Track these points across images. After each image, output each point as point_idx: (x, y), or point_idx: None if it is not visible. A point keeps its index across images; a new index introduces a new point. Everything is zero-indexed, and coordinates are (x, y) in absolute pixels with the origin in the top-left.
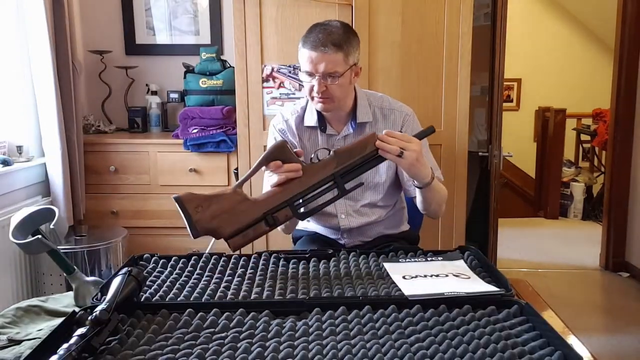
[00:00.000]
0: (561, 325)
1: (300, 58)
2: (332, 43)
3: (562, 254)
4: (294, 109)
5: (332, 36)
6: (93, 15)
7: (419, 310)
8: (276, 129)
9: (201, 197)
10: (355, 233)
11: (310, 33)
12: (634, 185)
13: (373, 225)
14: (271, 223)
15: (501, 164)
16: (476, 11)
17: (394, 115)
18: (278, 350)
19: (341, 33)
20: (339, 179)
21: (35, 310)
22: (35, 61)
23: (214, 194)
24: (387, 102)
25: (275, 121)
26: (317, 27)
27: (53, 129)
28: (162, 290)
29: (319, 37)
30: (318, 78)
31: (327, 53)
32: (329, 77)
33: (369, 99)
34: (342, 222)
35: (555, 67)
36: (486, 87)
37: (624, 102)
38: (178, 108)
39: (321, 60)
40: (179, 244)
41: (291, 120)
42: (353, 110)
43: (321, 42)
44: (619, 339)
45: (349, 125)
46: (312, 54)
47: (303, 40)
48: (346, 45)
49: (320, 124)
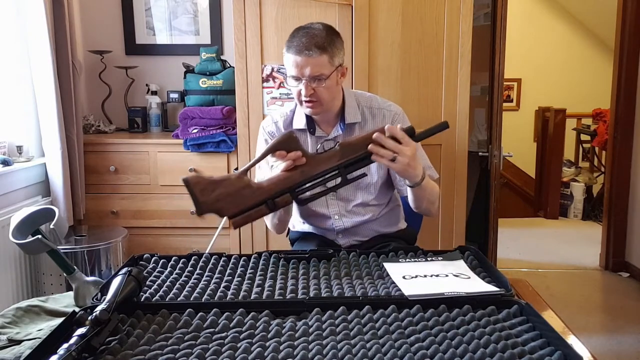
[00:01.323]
0: (561, 325)
1: (286, 63)
2: (316, 46)
3: (562, 254)
4: (282, 111)
5: (316, 39)
6: (93, 15)
7: (419, 310)
8: (266, 131)
9: (207, 181)
10: (349, 233)
11: (293, 37)
12: (634, 185)
13: (367, 224)
14: (271, 207)
15: (501, 164)
16: (476, 11)
17: (382, 114)
18: (278, 350)
19: (324, 35)
20: (342, 169)
21: (35, 310)
22: (35, 61)
23: (220, 178)
24: (376, 102)
25: (265, 123)
26: (300, 31)
27: (53, 129)
28: (162, 290)
29: (303, 41)
30: (305, 82)
31: (311, 56)
32: (315, 80)
33: (357, 99)
34: (335, 222)
35: (555, 67)
36: (486, 87)
37: (624, 102)
38: (178, 108)
39: (306, 64)
40: (179, 244)
41: (280, 122)
42: (341, 112)
43: (305, 46)
44: (619, 339)
45: (337, 127)
46: (297, 58)
47: (287, 45)
48: (330, 47)
49: (309, 126)
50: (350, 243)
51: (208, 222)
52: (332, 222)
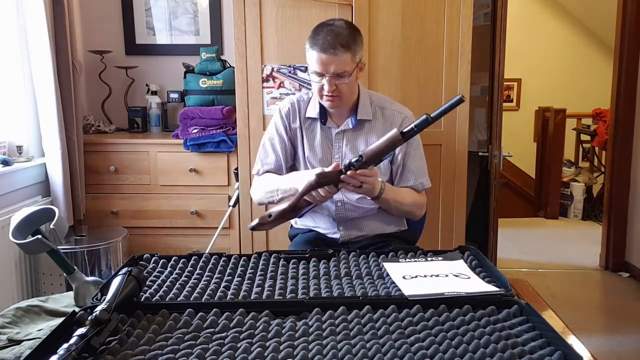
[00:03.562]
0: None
1: (309, 59)
2: (341, 44)
3: (562, 254)
4: (300, 95)
5: (340, 37)
6: (93, 15)
7: (419, 310)
8: (283, 113)
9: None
10: (351, 226)
11: (317, 34)
12: (634, 185)
13: (369, 218)
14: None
15: (501, 164)
16: (476, 11)
17: (393, 115)
18: (278, 350)
19: (347, 33)
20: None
21: (35, 310)
22: (35, 61)
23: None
24: (388, 102)
25: (282, 105)
26: (324, 28)
27: (53, 129)
28: (162, 290)
29: (328, 39)
30: (328, 78)
31: (337, 55)
32: (338, 77)
33: (370, 97)
34: (338, 210)
35: (555, 67)
36: (486, 87)
37: (624, 102)
38: (178, 108)
39: (331, 62)
40: (179, 244)
41: (299, 103)
42: (354, 107)
43: (330, 45)
44: (619, 339)
45: (349, 121)
46: (322, 56)
47: (311, 42)
48: (353, 45)
49: (322, 117)
50: (350, 237)
51: (208, 222)
52: (335, 210)
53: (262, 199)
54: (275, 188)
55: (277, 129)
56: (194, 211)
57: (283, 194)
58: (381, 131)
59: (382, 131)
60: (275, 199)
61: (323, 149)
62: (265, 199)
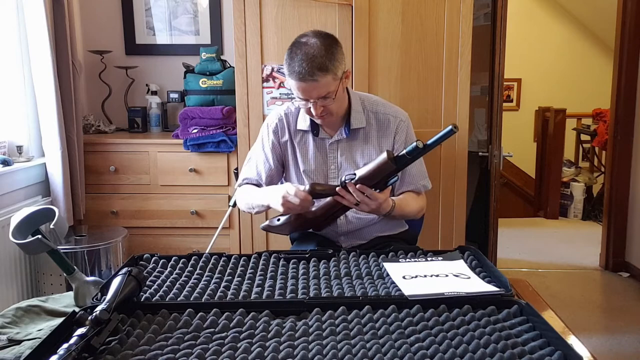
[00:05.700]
0: (561, 325)
1: (290, 86)
2: (319, 69)
3: (562, 254)
4: (288, 107)
5: (316, 61)
6: (93, 15)
7: (419, 310)
8: (270, 130)
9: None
10: (353, 236)
11: (292, 60)
12: (634, 185)
13: (370, 227)
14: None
15: (501, 164)
16: (476, 11)
17: (388, 120)
18: (278, 350)
19: (323, 54)
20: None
21: (35, 310)
22: (35, 61)
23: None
24: (382, 107)
25: (270, 120)
26: (299, 52)
27: (53, 129)
28: (162, 290)
29: (303, 66)
30: (313, 102)
31: (316, 81)
32: (324, 99)
33: (363, 103)
34: (340, 222)
35: (555, 67)
36: (486, 87)
37: (624, 102)
38: (178, 108)
39: (312, 88)
40: (179, 244)
41: (287, 117)
42: (346, 115)
43: (308, 72)
44: (618, 339)
45: (342, 131)
46: (301, 84)
47: (288, 70)
48: (332, 64)
49: (313, 129)
50: (352, 245)
51: (208, 222)
52: (337, 223)
53: (244, 210)
54: (251, 202)
55: (264, 147)
56: (194, 211)
57: (258, 208)
58: (376, 138)
59: (377, 138)
60: (253, 212)
61: (317, 161)
62: (247, 210)
